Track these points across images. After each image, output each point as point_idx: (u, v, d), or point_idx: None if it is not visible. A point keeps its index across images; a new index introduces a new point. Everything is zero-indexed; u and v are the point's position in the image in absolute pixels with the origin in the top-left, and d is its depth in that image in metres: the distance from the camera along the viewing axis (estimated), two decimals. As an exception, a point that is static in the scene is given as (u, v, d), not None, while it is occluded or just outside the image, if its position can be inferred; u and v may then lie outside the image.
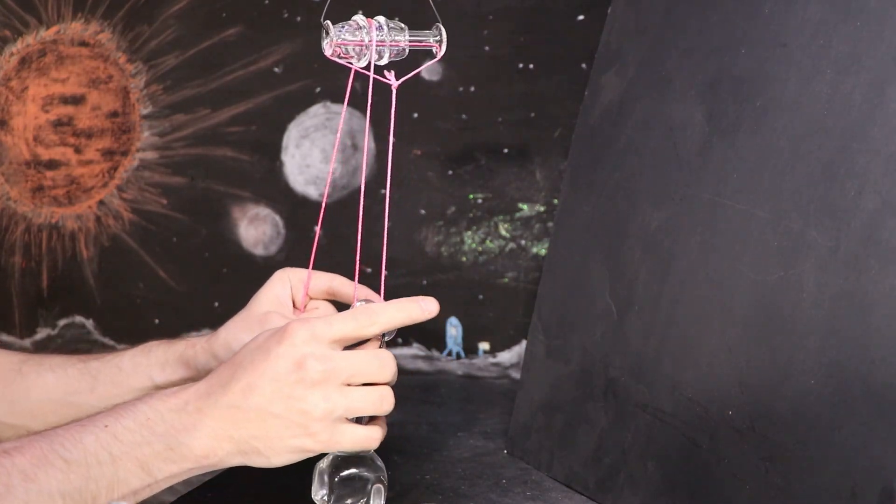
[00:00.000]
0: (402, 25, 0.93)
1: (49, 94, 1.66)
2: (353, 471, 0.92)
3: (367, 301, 0.95)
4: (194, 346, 1.04)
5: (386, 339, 0.92)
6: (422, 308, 0.90)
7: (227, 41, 1.65)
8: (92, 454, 0.82)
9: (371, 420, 0.90)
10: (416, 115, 1.63)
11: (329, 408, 0.85)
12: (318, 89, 1.65)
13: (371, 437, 0.88)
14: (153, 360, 1.04)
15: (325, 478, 0.92)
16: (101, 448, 0.83)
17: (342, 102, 1.63)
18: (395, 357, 0.89)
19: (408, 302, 0.89)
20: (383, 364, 0.88)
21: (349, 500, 0.92)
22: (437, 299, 0.90)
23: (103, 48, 1.65)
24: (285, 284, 1.04)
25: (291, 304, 1.04)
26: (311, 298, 1.05)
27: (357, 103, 0.94)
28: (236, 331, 1.02)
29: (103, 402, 1.02)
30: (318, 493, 0.92)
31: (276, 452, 0.86)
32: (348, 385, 0.86)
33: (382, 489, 0.92)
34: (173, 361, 1.04)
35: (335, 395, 0.86)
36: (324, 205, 0.96)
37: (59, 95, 1.66)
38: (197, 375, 1.02)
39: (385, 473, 0.93)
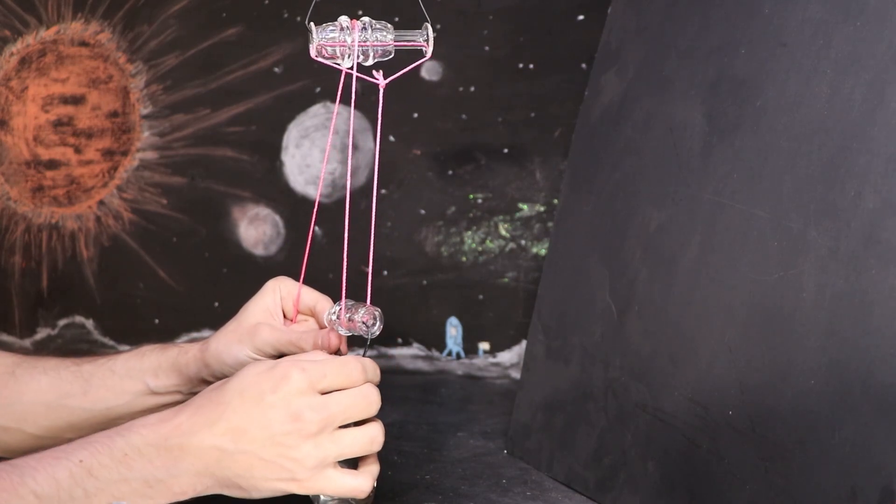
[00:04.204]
0: (388, 25, 0.93)
1: (49, 94, 1.65)
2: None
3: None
4: (186, 354, 1.03)
5: (366, 354, 0.93)
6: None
7: (227, 41, 1.65)
8: (65, 490, 0.80)
9: (363, 458, 0.90)
10: (415, 115, 1.63)
11: (321, 456, 0.85)
12: (318, 89, 1.65)
13: (358, 489, 0.88)
14: (146, 364, 1.04)
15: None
16: (76, 484, 0.81)
17: (344, 103, 1.64)
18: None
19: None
20: (370, 402, 0.88)
21: None
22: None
23: (103, 48, 1.65)
24: (276, 296, 1.03)
25: (282, 315, 1.03)
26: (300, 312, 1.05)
27: (357, 103, 0.94)
28: (227, 342, 1.01)
29: (96, 405, 1.02)
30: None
31: (257, 491, 0.86)
32: (339, 428, 0.86)
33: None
34: (166, 368, 1.03)
35: (327, 443, 0.85)
36: (315, 208, 0.96)
37: (59, 95, 1.66)
38: (188, 383, 1.02)
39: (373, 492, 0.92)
